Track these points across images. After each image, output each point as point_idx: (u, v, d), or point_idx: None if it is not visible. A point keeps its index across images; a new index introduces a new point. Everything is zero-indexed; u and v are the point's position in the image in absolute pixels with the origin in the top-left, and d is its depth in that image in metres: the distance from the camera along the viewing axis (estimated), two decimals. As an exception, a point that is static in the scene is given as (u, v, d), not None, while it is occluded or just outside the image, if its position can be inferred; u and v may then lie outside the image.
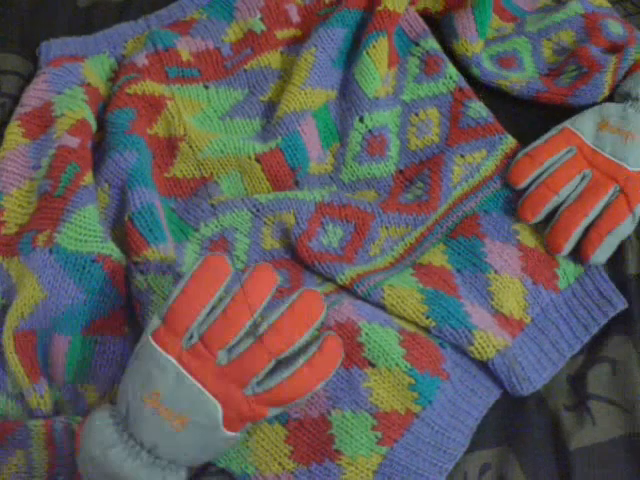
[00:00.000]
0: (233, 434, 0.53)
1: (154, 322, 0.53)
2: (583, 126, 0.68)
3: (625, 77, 0.71)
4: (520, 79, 0.74)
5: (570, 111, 0.71)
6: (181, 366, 0.52)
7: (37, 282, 0.63)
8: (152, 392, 0.52)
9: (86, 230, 0.65)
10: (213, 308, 0.53)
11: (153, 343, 0.53)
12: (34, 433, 0.59)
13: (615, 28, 0.75)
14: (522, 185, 0.68)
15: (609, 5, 0.79)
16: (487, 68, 0.75)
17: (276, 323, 0.53)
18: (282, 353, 0.53)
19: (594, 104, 0.71)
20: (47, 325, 0.63)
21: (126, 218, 0.66)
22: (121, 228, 0.67)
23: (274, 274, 0.54)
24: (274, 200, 0.68)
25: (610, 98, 0.72)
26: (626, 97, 0.70)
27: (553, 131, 0.69)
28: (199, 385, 0.52)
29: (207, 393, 0.52)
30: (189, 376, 0.52)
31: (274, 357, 0.52)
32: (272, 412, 0.54)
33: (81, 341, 0.63)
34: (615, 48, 0.74)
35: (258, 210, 0.68)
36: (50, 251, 0.63)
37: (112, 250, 0.65)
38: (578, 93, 0.72)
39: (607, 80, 0.72)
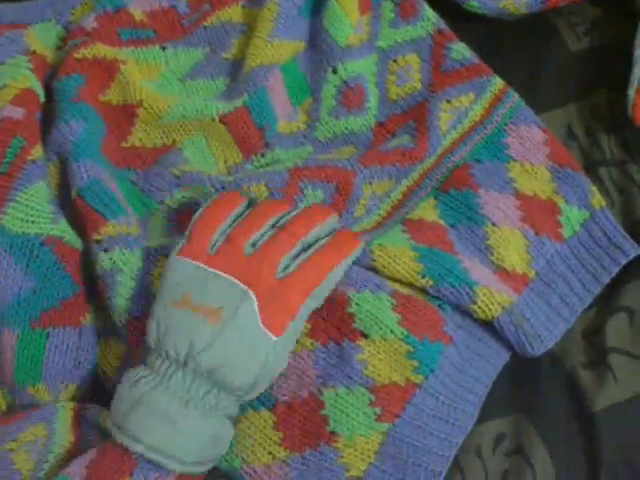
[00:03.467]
0: (275, 337, 0.50)
1: (177, 246, 0.53)
2: None
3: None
4: None
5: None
6: (209, 266, 0.51)
7: None
8: (181, 295, 0.50)
9: (34, 210, 0.58)
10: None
11: (177, 257, 0.52)
12: (60, 413, 0.54)
13: None
14: None
15: None
16: None
17: (296, 214, 0.55)
18: (304, 236, 0.53)
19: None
20: None
21: (74, 194, 0.59)
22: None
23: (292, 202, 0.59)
24: (243, 177, 0.62)
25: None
26: None
27: (638, 58, 0.64)
28: (228, 276, 0.51)
29: (237, 281, 0.50)
30: (218, 271, 0.51)
31: (297, 239, 0.53)
32: (308, 302, 0.52)
33: (30, 334, 0.56)
34: None
35: (223, 187, 0.62)
36: None
37: (63, 232, 0.58)
38: None
39: None
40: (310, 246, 0.54)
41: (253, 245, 0.53)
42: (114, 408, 0.50)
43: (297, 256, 0.53)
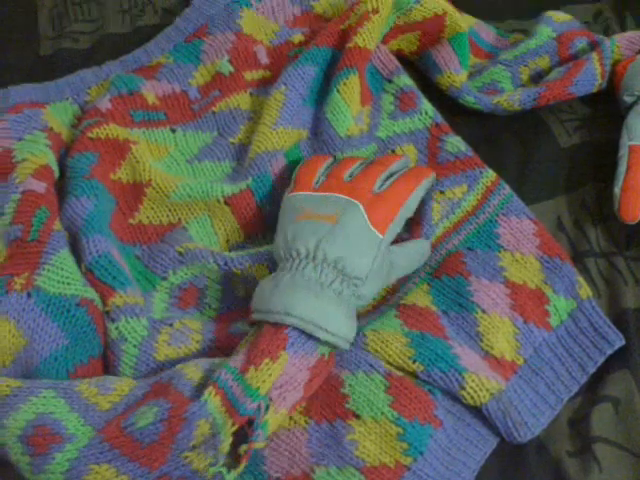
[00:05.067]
0: (381, 236, 0.59)
1: (286, 192, 0.65)
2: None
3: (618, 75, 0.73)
4: (514, 92, 0.73)
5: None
6: (317, 193, 0.62)
7: (15, 328, 0.58)
8: (301, 211, 0.61)
9: (68, 272, 0.60)
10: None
11: (289, 195, 0.64)
12: (209, 402, 0.52)
13: (582, 46, 0.76)
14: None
15: (571, 18, 0.79)
16: (479, 94, 0.73)
17: (380, 157, 0.68)
18: (392, 165, 0.65)
19: (592, 93, 0.74)
20: (30, 372, 0.58)
21: (84, 269, 0.61)
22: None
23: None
24: (245, 255, 0.65)
25: (607, 89, 0.74)
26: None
27: (623, 157, 0.68)
28: (337, 194, 0.61)
29: (345, 197, 0.61)
30: (327, 194, 0.62)
31: (386, 167, 0.64)
32: (402, 211, 0.62)
33: None
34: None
35: (226, 263, 0.64)
36: (29, 295, 0.59)
37: (93, 295, 0.61)
38: (576, 81, 0.72)
39: (597, 68, 0.73)
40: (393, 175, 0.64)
41: (350, 176, 0.64)
42: (255, 304, 0.57)
43: (385, 181, 0.63)
